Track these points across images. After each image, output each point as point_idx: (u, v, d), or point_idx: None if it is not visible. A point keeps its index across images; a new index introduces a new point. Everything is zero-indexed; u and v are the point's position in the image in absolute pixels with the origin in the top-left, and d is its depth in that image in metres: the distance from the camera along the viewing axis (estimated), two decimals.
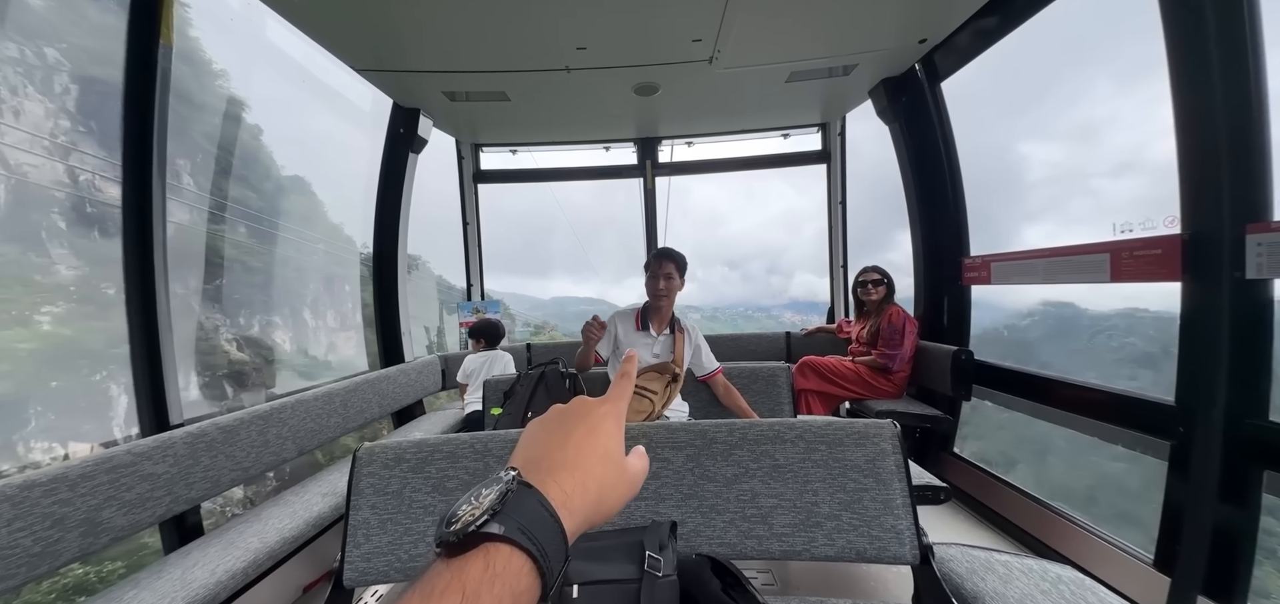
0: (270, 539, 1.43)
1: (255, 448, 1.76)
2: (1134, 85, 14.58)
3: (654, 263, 1.94)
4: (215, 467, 1.59)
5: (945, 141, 2.37)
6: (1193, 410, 1.26)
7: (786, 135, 3.62)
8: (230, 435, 1.66)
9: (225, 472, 1.63)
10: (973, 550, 1.08)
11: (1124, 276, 1.43)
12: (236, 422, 1.70)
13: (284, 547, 1.44)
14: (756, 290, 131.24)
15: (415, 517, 1.14)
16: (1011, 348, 6.27)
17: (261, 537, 1.45)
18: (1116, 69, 21.78)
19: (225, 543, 1.42)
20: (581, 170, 3.98)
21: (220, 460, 1.61)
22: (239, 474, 1.69)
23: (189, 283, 3.45)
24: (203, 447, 1.56)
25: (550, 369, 2.08)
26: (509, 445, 1.20)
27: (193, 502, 1.52)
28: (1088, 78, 18.07)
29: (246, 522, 1.56)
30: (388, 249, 3.01)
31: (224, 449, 1.63)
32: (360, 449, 1.18)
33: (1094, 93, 19.42)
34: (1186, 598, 1.25)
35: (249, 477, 1.73)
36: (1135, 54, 1.84)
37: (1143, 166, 8.72)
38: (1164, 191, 1.31)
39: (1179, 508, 1.29)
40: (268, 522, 1.54)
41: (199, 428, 1.59)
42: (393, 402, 2.75)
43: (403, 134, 2.93)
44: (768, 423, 1.16)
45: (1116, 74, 26.17)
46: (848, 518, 1.07)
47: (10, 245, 2.85)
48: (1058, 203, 7.17)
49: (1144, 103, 11.59)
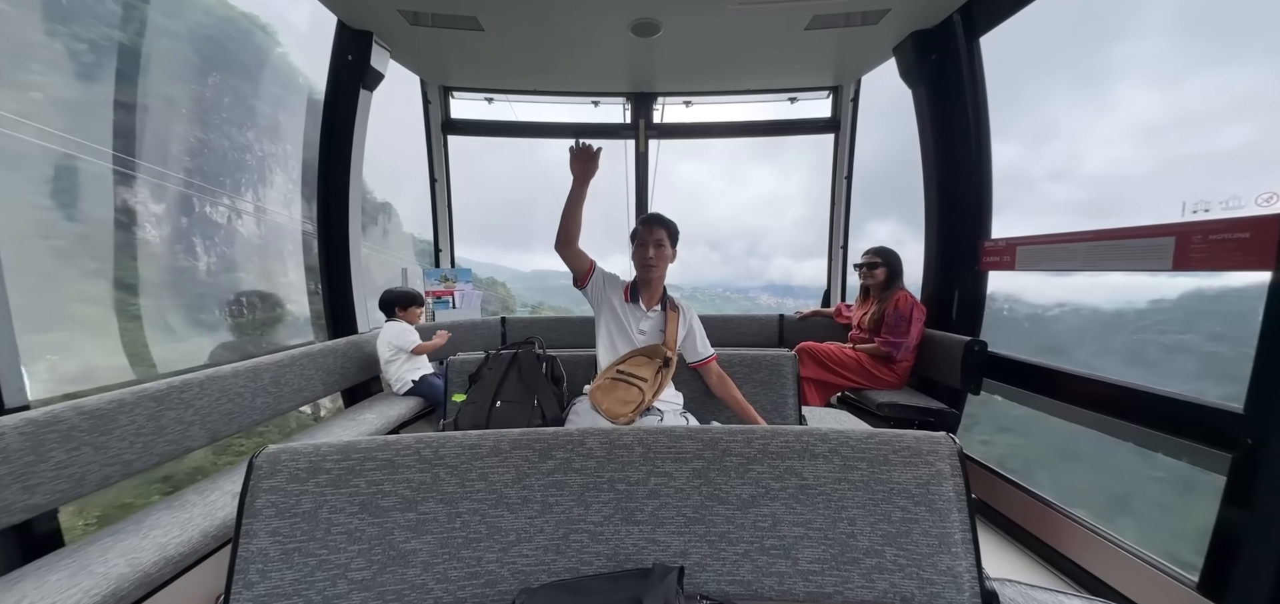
0: (143, 559, 1.11)
1: (144, 436, 1.41)
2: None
3: (641, 229, 1.65)
4: (75, 462, 1.25)
5: (977, 107, 2.12)
6: (1268, 420, 1.10)
7: (794, 100, 3.31)
8: (102, 422, 1.31)
9: (93, 468, 1.29)
10: (1035, 592, 0.89)
11: (1192, 264, 1.25)
12: (112, 404, 1.35)
13: (161, 570, 1.13)
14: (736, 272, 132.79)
15: (335, 546, 0.86)
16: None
17: (132, 555, 1.12)
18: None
19: (79, 563, 1.10)
20: (567, 127, 3.57)
21: (84, 454, 1.27)
22: (118, 469, 1.35)
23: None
24: (55, 438, 1.22)
25: (525, 350, 1.80)
26: (466, 452, 0.93)
27: (36, 509, 1.18)
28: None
29: (122, 532, 1.24)
30: (336, 201, 2.56)
31: (91, 439, 1.28)
32: (258, 455, 0.88)
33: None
34: None
35: (133, 472, 1.39)
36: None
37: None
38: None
39: (1236, 528, 1.15)
40: (147, 533, 1.22)
41: (50, 413, 1.23)
42: (341, 378, 2.40)
43: (351, 63, 2.44)
44: (794, 431, 0.92)
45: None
46: (892, 555, 0.85)
47: None
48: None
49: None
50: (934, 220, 2.45)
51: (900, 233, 3.01)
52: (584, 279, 1.67)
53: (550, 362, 1.78)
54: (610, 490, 0.90)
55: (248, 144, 5.00)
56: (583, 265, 1.65)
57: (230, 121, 4.78)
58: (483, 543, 0.88)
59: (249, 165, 4.97)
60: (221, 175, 4.71)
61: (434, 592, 0.87)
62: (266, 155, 5.11)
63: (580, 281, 1.68)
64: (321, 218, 2.58)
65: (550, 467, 0.91)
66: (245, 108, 4.94)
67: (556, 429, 0.97)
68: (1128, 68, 10.70)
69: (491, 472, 0.91)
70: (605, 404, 1.49)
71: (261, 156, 5.09)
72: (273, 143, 5.06)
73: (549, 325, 3.37)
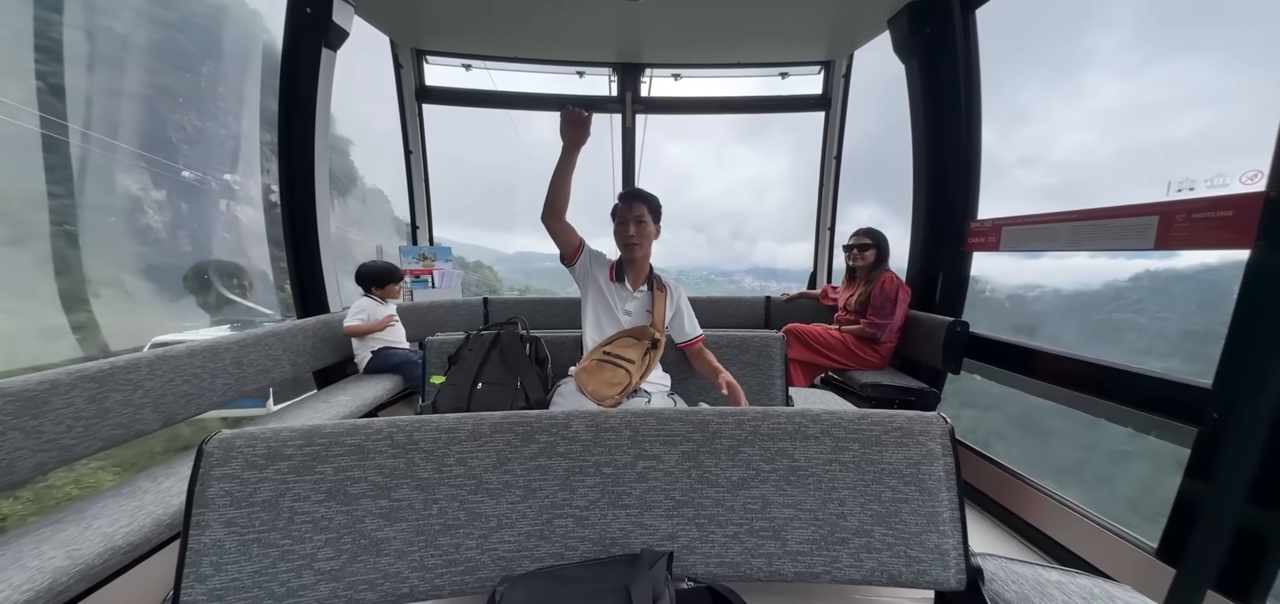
0: (86, 551, 1.03)
1: (84, 419, 1.31)
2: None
3: (621, 206, 1.57)
4: (1, 448, 1.15)
5: (970, 83, 2.09)
6: (1233, 395, 1.14)
7: (785, 75, 3.22)
8: (31, 405, 1.20)
9: (25, 454, 1.19)
10: (1014, 565, 0.90)
11: (1173, 243, 1.27)
12: (43, 385, 1.23)
13: (106, 562, 1.05)
14: (720, 254, 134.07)
15: (300, 536, 0.80)
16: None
17: (72, 546, 1.04)
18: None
19: (9, 556, 1.00)
20: (550, 99, 3.41)
21: (11, 440, 1.16)
22: (56, 455, 1.24)
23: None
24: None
25: (507, 330, 1.73)
26: (443, 436, 0.87)
27: None
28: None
29: (62, 522, 1.14)
30: (301, 170, 2.38)
31: (19, 423, 1.17)
32: (209, 441, 0.81)
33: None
34: (1195, 590, 1.18)
35: (75, 457, 1.29)
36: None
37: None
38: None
39: (1196, 497, 1.20)
40: (91, 523, 1.13)
41: None
42: (312, 359, 2.29)
43: (310, 17, 2.24)
44: (785, 413, 0.90)
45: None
46: (881, 534, 0.85)
47: None
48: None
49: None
50: (922, 201, 2.45)
51: (881, 216, 3.02)
52: (573, 257, 1.60)
53: (534, 343, 1.72)
54: (597, 474, 0.87)
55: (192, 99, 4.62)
56: (572, 242, 1.57)
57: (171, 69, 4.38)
58: (461, 529, 0.84)
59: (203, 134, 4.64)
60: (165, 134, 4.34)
61: (410, 580, 0.83)
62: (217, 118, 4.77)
63: (569, 259, 1.61)
64: (285, 188, 2.40)
65: (533, 451, 0.87)
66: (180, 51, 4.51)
67: (540, 412, 0.92)
68: (1097, 57, 10.84)
69: (471, 456, 0.86)
70: (591, 386, 1.45)
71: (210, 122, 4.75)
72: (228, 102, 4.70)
73: (533, 306, 3.29)
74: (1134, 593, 0.82)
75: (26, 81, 2.83)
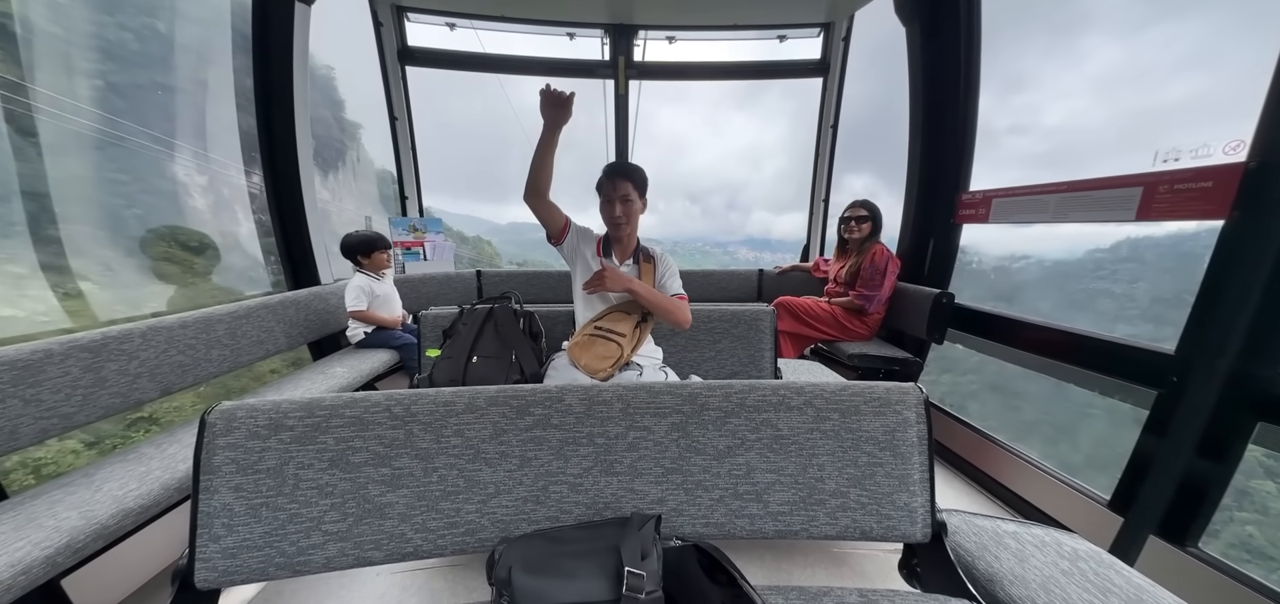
0: (99, 512, 1.08)
1: (82, 388, 1.33)
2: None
3: (606, 184, 1.51)
4: (2, 415, 1.18)
5: (970, 47, 2.05)
6: (1192, 359, 1.21)
7: (783, 38, 3.11)
8: (27, 374, 1.22)
9: (26, 421, 1.22)
10: (976, 519, 0.97)
11: (1155, 214, 1.29)
12: (37, 354, 1.25)
13: (120, 523, 1.10)
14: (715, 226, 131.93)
15: (306, 500, 0.84)
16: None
17: (85, 507, 1.09)
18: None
19: (25, 516, 1.05)
20: (539, 62, 3.27)
21: (11, 407, 1.19)
22: (56, 423, 1.27)
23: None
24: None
25: (501, 305, 1.74)
26: (440, 409, 0.90)
27: None
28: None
29: (71, 485, 1.19)
30: (281, 136, 2.29)
31: (17, 391, 1.20)
32: (211, 412, 0.83)
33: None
34: (1137, 536, 1.28)
35: (72, 425, 1.32)
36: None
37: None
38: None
39: (1150, 455, 1.29)
40: (101, 487, 1.17)
41: None
42: (306, 331, 2.30)
43: None
44: (771, 386, 0.94)
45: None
46: (856, 495, 0.91)
47: None
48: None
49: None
50: (916, 172, 2.44)
51: (876, 186, 3.02)
52: (560, 236, 1.58)
53: (528, 317, 1.74)
54: (589, 444, 0.91)
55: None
56: (557, 221, 1.55)
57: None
58: (461, 495, 0.88)
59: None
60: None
61: (413, 540, 0.88)
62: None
63: (555, 238, 1.58)
64: (266, 157, 2.32)
65: (528, 423, 0.90)
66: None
67: (534, 386, 0.95)
68: (1096, 18, 10.41)
69: (468, 428, 0.89)
70: (584, 360, 1.48)
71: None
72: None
73: (527, 279, 3.28)
74: (1080, 540, 0.90)
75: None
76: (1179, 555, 1.19)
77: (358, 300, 2.36)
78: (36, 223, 3.02)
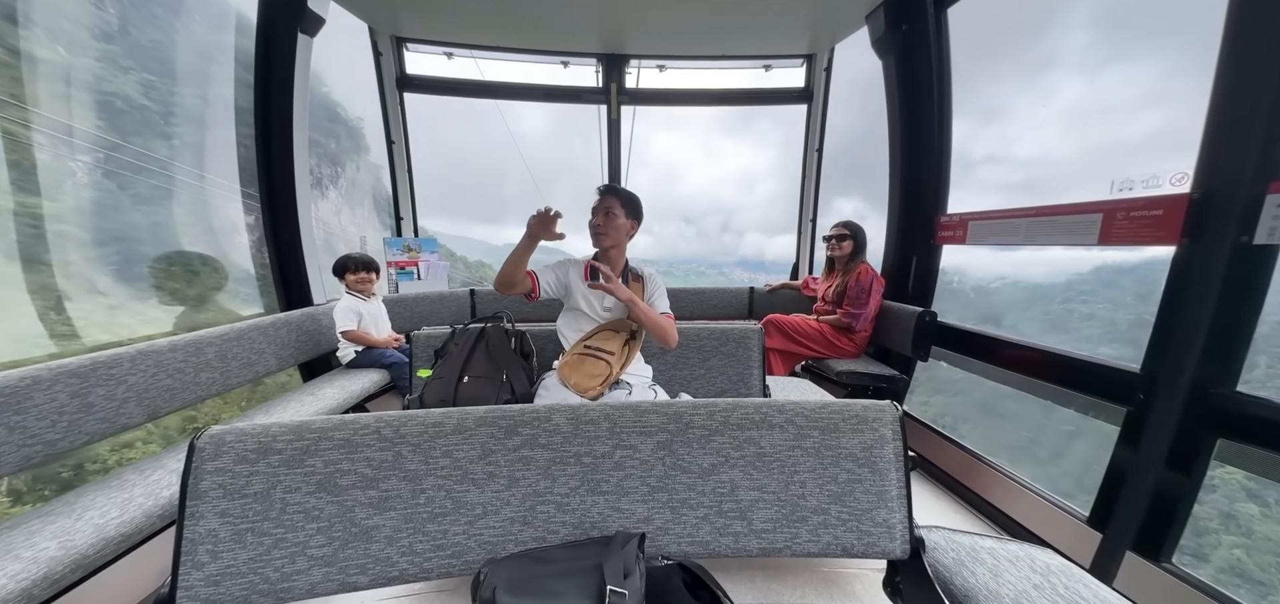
0: (78, 541, 1.05)
1: (68, 414, 1.32)
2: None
3: (595, 199, 1.60)
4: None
5: (942, 80, 2.17)
6: (1157, 378, 1.26)
7: (768, 68, 3.26)
8: (12, 400, 1.21)
9: (9, 448, 1.20)
10: (955, 535, 1.00)
11: (1114, 239, 1.37)
12: (25, 380, 1.24)
13: (100, 552, 1.07)
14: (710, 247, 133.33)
15: (292, 525, 0.84)
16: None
17: (65, 537, 1.06)
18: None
19: (3, 547, 1.02)
20: (534, 89, 3.38)
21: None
22: (41, 449, 1.26)
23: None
24: None
25: (492, 325, 1.77)
26: (429, 430, 0.92)
27: None
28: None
29: (51, 514, 1.16)
30: (279, 159, 2.34)
31: (2, 418, 1.18)
32: (200, 437, 0.84)
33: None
34: (1115, 552, 1.31)
35: (59, 452, 1.31)
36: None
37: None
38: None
39: (1123, 471, 1.33)
40: (81, 515, 1.15)
41: None
42: (297, 352, 2.29)
43: (283, 1, 2.20)
44: (754, 404, 0.97)
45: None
46: (836, 512, 0.93)
47: None
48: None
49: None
50: (897, 195, 2.54)
51: (864, 209, 3.11)
52: (534, 293, 1.62)
53: (519, 337, 1.77)
54: (577, 464, 0.92)
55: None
56: (526, 285, 1.59)
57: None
58: (448, 517, 0.89)
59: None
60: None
61: (399, 564, 0.88)
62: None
63: (531, 295, 1.62)
64: (263, 178, 2.36)
65: (516, 443, 0.92)
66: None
67: (522, 406, 0.97)
68: (1060, 58, 11.10)
69: (456, 449, 0.91)
70: (574, 379, 1.50)
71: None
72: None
73: (518, 299, 3.31)
74: (1053, 555, 0.92)
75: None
76: (1155, 571, 1.21)
77: (348, 320, 2.39)
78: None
